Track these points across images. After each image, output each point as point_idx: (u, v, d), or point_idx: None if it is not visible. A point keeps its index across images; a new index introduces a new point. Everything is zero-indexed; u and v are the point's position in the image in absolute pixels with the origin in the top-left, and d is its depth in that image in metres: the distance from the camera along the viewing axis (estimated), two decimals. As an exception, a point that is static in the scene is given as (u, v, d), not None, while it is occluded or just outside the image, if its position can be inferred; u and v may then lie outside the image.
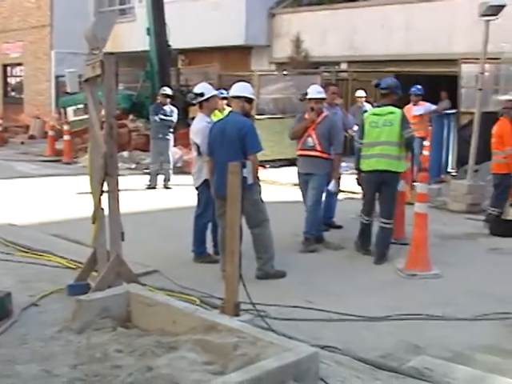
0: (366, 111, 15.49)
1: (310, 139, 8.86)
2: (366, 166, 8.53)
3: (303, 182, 9.06)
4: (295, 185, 13.39)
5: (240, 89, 7.65)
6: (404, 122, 8.42)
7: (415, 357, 5.28)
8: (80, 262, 7.27)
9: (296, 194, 9.87)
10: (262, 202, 7.52)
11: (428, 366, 5.06)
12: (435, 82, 17.46)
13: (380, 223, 8.43)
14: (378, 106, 8.79)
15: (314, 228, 8.91)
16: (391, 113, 8.43)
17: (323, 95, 9.05)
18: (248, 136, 7.31)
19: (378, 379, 4.79)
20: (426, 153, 14.05)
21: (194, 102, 8.43)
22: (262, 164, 16.90)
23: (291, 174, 14.66)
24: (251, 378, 4.16)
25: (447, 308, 6.55)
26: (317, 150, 8.80)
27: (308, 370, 4.55)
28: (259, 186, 7.49)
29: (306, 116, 8.98)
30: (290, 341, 4.93)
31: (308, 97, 8.98)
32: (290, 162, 16.24)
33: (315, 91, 9.00)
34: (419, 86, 14.45)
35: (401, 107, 8.73)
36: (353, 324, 6.13)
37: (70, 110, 20.99)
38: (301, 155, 9.04)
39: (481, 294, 7.04)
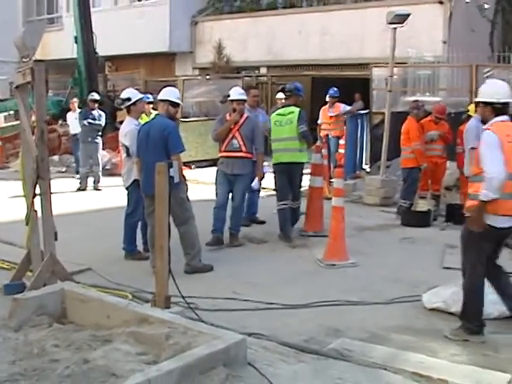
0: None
1: (235, 141, 8.80)
2: (275, 159, 9.35)
3: (227, 182, 8.90)
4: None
5: (166, 93, 7.67)
6: (300, 118, 9.18)
7: (335, 339, 5.40)
8: (14, 263, 7.16)
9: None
10: (188, 200, 7.55)
11: (347, 347, 5.20)
12: (349, 84, 17.79)
13: (290, 205, 9.16)
14: (283, 107, 9.60)
15: (239, 225, 8.99)
16: (291, 112, 9.28)
17: (244, 97, 9.06)
18: (170, 137, 7.34)
19: (301, 361, 4.88)
20: (341, 151, 14.33)
21: (122, 106, 8.40)
22: (188, 164, 16.94)
23: (214, 173, 14.72)
24: (182, 365, 4.20)
25: (364, 294, 6.73)
26: (242, 151, 8.79)
27: (236, 355, 4.61)
28: (186, 185, 7.52)
29: (228, 117, 8.96)
30: (218, 329, 4.97)
31: (230, 98, 8.95)
32: (214, 163, 16.29)
33: (237, 93, 8.97)
34: (335, 89, 14.67)
35: (299, 106, 9.43)
36: (277, 312, 6.22)
37: (0, 116, 20.56)
38: (227, 156, 8.88)
39: (394, 279, 7.25)
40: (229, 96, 9.02)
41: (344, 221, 8.05)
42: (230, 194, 8.99)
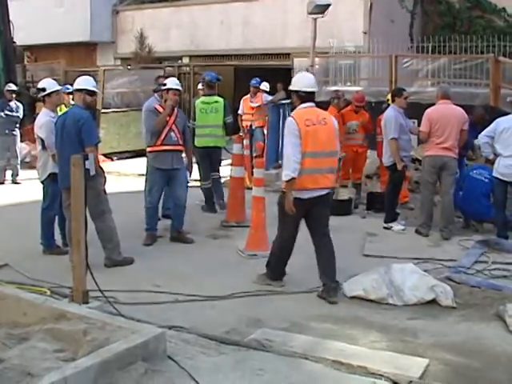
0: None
1: (172, 134, 8.51)
2: (199, 143, 10.26)
3: (164, 179, 8.56)
4: (140, 175, 13.33)
5: (81, 82, 7.46)
6: (226, 109, 10.43)
7: (257, 330, 5.41)
8: None
9: (141, 184, 9.80)
10: (105, 193, 7.39)
11: (268, 337, 5.21)
12: (272, 74, 17.83)
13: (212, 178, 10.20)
14: (206, 96, 10.43)
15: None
16: (216, 101, 10.38)
17: (180, 87, 8.76)
18: (84, 128, 7.13)
19: (222, 353, 4.86)
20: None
21: (38, 96, 8.15)
22: (110, 156, 16.69)
23: (136, 165, 14.58)
24: (100, 361, 4.13)
25: (286, 283, 6.75)
26: (180, 145, 8.60)
27: (156, 349, 4.56)
28: (103, 177, 7.35)
29: (160, 108, 8.60)
30: (137, 323, 4.92)
31: (167, 87, 8.57)
32: (136, 154, 16.12)
33: (174, 83, 8.65)
34: (258, 79, 14.66)
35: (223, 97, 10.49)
36: (199, 304, 6.19)
37: None
38: (165, 150, 8.47)
39: (312, 267, 7.20)
40: (164, 85, 8.67)
41: (265, 211, 8.06)
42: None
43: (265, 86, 15.33)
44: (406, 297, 6.18)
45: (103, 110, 17.01)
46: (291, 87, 6.59)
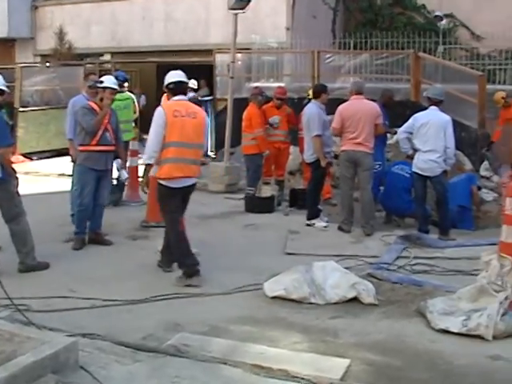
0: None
1: (107, 134, 8.18)
2: None
3: (96, 180, 8.19)
4: (61, 175, 12.96)
5: None
6: (133, 105, 11.24)
7: (175, 334, 5.23)
8: None
9: (61, 185, 9.49)
10: (19, 195, 7.06)
11: (186, 342, 5.04)
12: (195, 71, 17.63)
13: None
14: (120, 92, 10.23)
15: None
16: (127, 98, 11.01)
17: (117, 86, 8.49)
18: None
19: (137, 361, 4.68)
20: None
21: None
22: (29, 156, 16.18)
23: (57, 164, 14.17)
24: (7, 376, 3.91)
25: (205, 285, 6.60)
26: (113, 145, 8.30)
27: (67, 360, 4.35)
28: (15, 179, 7.02)
29: (95, 106, 8.18)
30: (47, 333, 4.70)
31: (104, 85, 8.19)
32: (57, 153, 15.68)
33: (112, 81, 8.33)
34: (180, 75, 14.41)
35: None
36: (115, 309, 5.96)
37: None
38: (100, 151, 8.12)
39: (236, 268, 7.17)
40: (100, 82, 8.29)
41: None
42: None
43: (192, 83, 15.18)
44: (328, 295, 6.12)
45: (21, 109, 16.46)
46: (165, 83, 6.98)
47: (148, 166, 6.78)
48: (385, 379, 4.61)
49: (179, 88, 6.89)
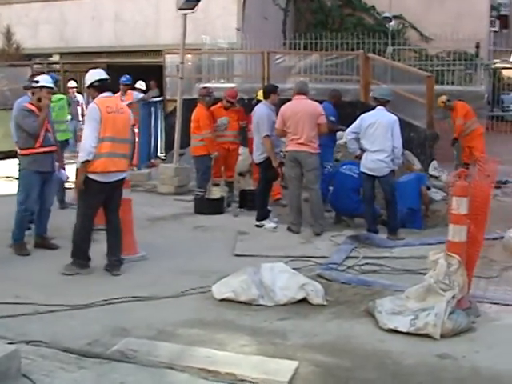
0: (77, 101, 15.17)
1: (49, 134, 8.00)
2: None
3: (41, 180, 7.98)
4: (8, 177, 12.67)
5: None
6: (67, 104, 11.65)
7: (121, 340, 5.13)
8: None
9: (8, 188, 9.26)
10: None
11: (132, 347, 4.94)
12: (146, 71, 17.51)
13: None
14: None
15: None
16: (61, 99, 11.23)
17: (53, 85, 8.30)
18: None
19: (82, 367, 4.56)
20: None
21: None
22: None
23: (4, 167, 13.86)
24: None
25: (153, 288, 6.49)
26: (55, 145, 8.13)
27: (8, 369, 4.23)
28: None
29: (32, 108, 7.92)
30: (-13, 341, 4.55)
31: (41, 84, 7.95)
32: (4, 156, 15.32)
33: (47, 80, 8.09)
34: (128, 76, 14.30)
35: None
36: (61, 314, 5.81)
37: None
38: (44, 152, 7.93)
39: (185, 271, 7.10)
40: (36, 82, 8.04)
41: (131, 212, 7.74)
42: None
43: (140, 84, 15.04)
44: (277, 297, 6.08)
45: (-35, 109, 16.06)
46: (86, 86, 7.15)
47: (83, 164, 6.84)
48: (333, 380, 4.58)
49: (105, 85, 7.10)
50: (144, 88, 15.67)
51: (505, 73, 29.39)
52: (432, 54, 20.16)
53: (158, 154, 15.68)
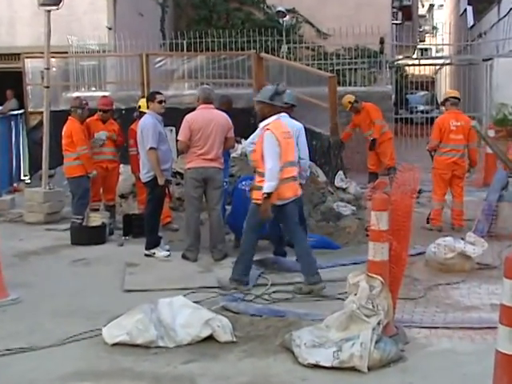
0: None
1: None
2: None
3: None
4: None
5: None
6: None
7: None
8: None
9: None
10: None
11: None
12: (0, 79, 17.10)
13: None
14: None
15: None
16: None
17: None
18: None
19: None
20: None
21: None
22: None
23: None
24: None
25: (32, 337, 6.29)
26: None
27: None
28: None
29: None
30: None
31: None
32: None
33: None
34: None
35: None
36: None
37: None
38: None
39: (68, 313, 6.94)
40: None
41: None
42: None
43: None
44: (179, 336, 6.05)
45: None
46: None
47: None
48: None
49: None
50: None
51: (409, 70, 30.55)
52: (331, 52, 20.67)
53: (22, 177, 15.31)
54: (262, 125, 7.84)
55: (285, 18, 21.54)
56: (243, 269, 7.77)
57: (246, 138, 9.50)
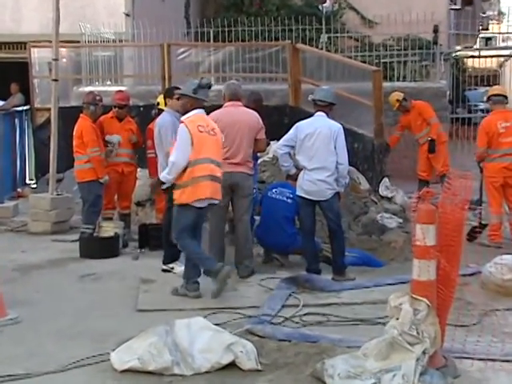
0: None
1: None
2: None
3: None
4: None
5: None
6: None
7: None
8: None
9: None
10: None
11: None
12: (2, 71, 17.28)
13: None
14: None
15: None
16: None
17: None
18: None
19: None
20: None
21: None
22: None
23: None
24: None
25: (31, 361, 6.34)
26: None
27: None
28: None
29: None
30: None
31: None
32: None
33: None
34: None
35: None
36: None
37: None
38: None
39: (73, 334, 6.99)
40: None
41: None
42: None
43: None
44: (197, 363, 6.07)
45: None
46: None
47: None
48: None
49: None
50: None
51: (469, 63, 30.20)
52: (377, 42, 20.58)
53: (27, 181, 15.47)
54: (182, 118, 8.26)
55: (325, 4, 21.49)
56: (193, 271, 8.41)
57: (279, 140, 9.50)
